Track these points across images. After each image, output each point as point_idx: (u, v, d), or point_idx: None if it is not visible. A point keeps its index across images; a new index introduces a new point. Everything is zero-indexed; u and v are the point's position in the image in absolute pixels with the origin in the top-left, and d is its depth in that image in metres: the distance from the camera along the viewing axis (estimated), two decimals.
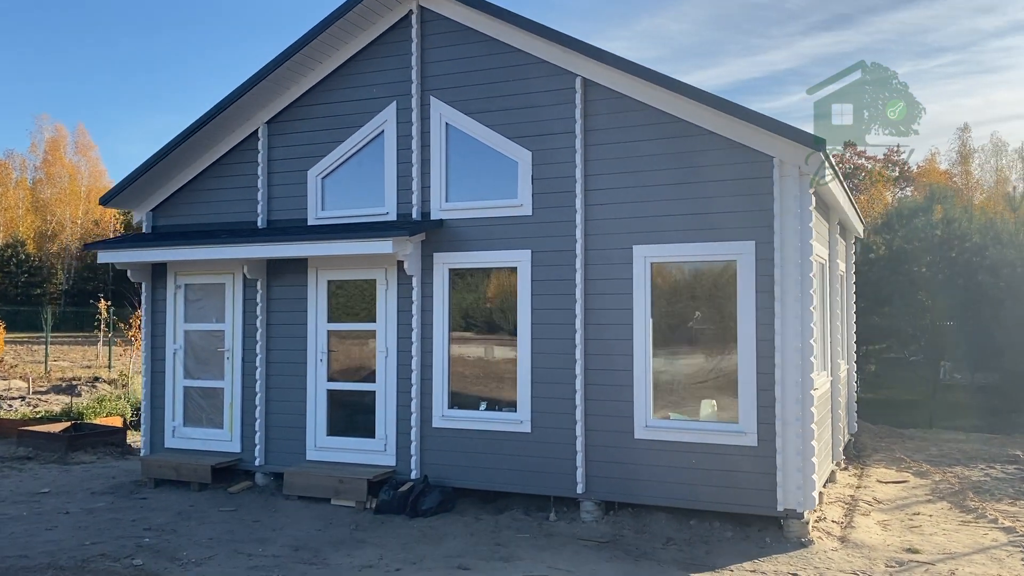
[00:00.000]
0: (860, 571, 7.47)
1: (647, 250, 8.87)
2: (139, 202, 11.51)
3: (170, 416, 11.32)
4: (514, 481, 9.39)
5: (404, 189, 10.04)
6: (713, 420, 8.71)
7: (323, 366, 10.44)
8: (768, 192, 8.39)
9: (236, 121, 10.81)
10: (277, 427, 10.64)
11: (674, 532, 8.57)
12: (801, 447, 8.21)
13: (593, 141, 9.13)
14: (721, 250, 8.62)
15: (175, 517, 9.36)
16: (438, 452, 9.74)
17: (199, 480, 10.56)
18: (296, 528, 8.87)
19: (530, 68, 9.46)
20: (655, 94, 8.82)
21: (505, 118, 9.55)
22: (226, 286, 11.05)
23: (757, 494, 8.36)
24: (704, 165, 8.65)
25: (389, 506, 9.41)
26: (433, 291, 9.83)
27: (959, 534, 8.69)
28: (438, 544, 8.26)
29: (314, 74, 10.50)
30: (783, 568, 7.55)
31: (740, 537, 8.40)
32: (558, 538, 8.46)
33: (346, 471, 9.87)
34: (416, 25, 9.96)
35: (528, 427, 9.33)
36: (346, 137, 10.35)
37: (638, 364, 8.86)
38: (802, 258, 8.26)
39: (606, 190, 9.06)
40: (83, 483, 11.28)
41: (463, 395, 9.81)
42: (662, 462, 8.74)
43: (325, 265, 10.41)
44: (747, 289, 8.48)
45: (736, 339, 8.53)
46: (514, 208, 9.48)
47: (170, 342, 11.35)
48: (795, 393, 8.23)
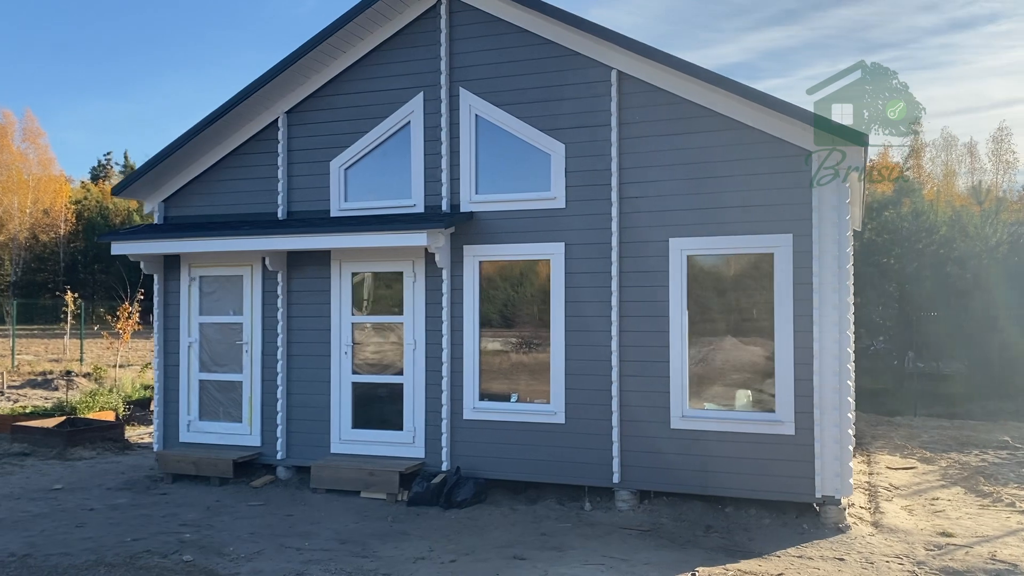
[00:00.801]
0: (903, 555, 7.69)
1: (683, 243, 8.98)
2: (151, 193, 11.29)
3: (185, 410, 11.15)
4: (547, 472, 9.45)
5: (432, 181, 10.00)
6: (749, 410, 8.87)
7: (347, 359, 10.37)
8: (806, 186, 8.55)
9: (254, 111, 10.66)
10: (299, 420, 10.55)
11: (712, 520, 8.72)
12: (839, 435, 8.41)
13: (628, 134, 9.20)
14: (757, 242, 8.77)
15: (205, 512, 9.24)
16: (469, 444, 9.75)
17: (220, 475, 10.43)
18: (333, 521, 8.82)
19: (563, 60, 9.48)
20: (691, 87, 8.93)
21: (537, 110, 9.57)
22: (244, 278, 10.90)
23: (795, 481, 8.55)
24: (742, 159, 8.78)
25: (423, 498, 9.41)
26: (463, 283, 9.82)
27: (983, 518, 8.99)
28: (483, 535, 8.30)
29: (336, 64, 10.40)
30: (828, 553, 7.74)
31: (778, 524, 8.59)
32: (600, 527, 8.55)
33: (375, 463, 9.83)
34: (444, 15, 9.91)
35: (562, 418, 9.40)
36: (370, 128, 10.27)
37: (674, 355, 8.98)
38: (839, 250, 8.44)
39: (641, 183, 9.14)
40: (93, 479, 11.05)
41: (493, 387, 9.83)
42: (698, 451, 8.87)
43: (349, 257, 10.33)
44: (784, 281, 8.64)
45: (773, 330, 8.69)
46: (547, 201, 9.52)
47: (184, 335, 11.17)
48: (833, 382, 8.43)
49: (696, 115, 8.97)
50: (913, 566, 7.39)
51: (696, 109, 8.96)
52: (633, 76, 9.18)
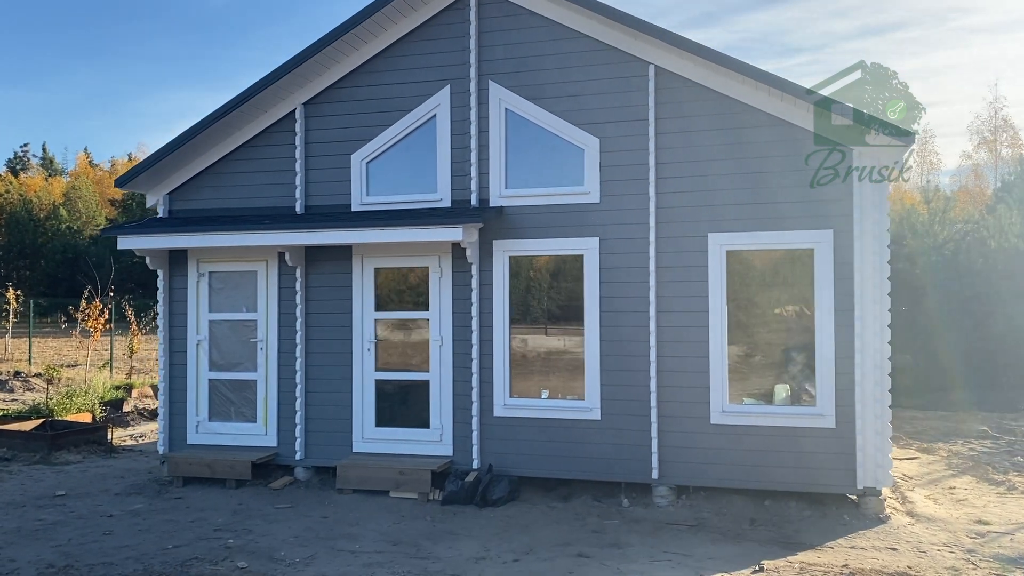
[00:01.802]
0: (950, 543, 7.88)
1: (723, 238, 9.03)
2: (155, 185, 10.84)
3: (193, 411, 10.75)
4: (581, 469, 9.40)
5: (459, 175, 9.84)
6: (788, 404, 8.97)
7: (370, 355, 10.14)
8: (847, 182, 8.68)
9: (269, 101, 10.33)
10: (319, 419, 10.27)
11: (754, 513, 8.80)
12: (880, 427, 8.57)
13: (665, 129, 9.20)
14: (798, 238, 8.87)
15: (233, 516, 8.92)
16: (500, 441, 9.64)
17: (237, 477, 10.09)
18: (372, 522, 8.62)
19: (598, 55, 9.43)
20: (730, 83, 8.98)
21: (570, 104, 9.49)
22: (258, 274, 10.56)
23: (836, 474, 8.68)
24: (782, 155, 8.86)
25: (457, 496, 9.26)
26: (493, 278, 9.70)
27: (1008, 505, 9.29)
28: (533, 533, 8.20)
29: (358, 55, 10.15)
30: (878, 543, 7.88)
31: (818, 516, 8.70)
32: (646, 523, 8.54)
33: (405, 462, 9.64)
34: (474, 7, 9.76)
35: (597, 415, 9.36)
36: (394, 121, 10.05)
37: (714, 351, 9.02)
38: (880, 246, 8.59)
39: (679, 178, 9.15)
40: (92, 484, 10.57)
41: (524, 384, 9.74)
42: (738, 446, 8.94)
43: (372, 252, 10.10)
44: (825, 276, 8.76)
45: (813, 324, 8.80)
46: (580, 195, 9.46)
47: (192, 333, 10.76)
48: (874, 375, 8.58)
49: (735, 111, 9.02)
50: (965, 554, 7.57)
51: (735, 105, 9.02)
52: (671, 71, 9.18)
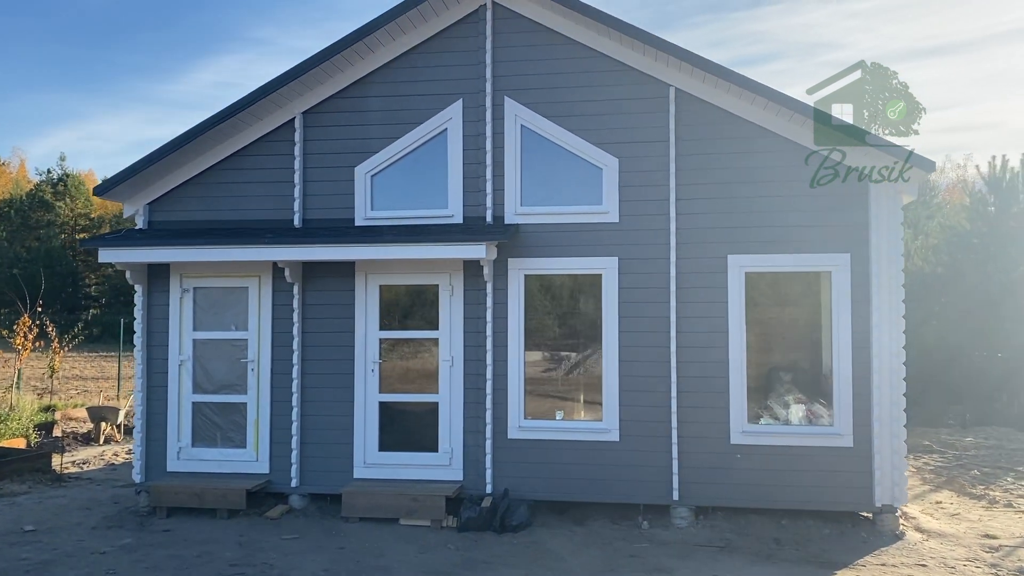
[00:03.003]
0: (971, 559, 8.16)
1: (742, 260, 9.13)
2: (134, 194, 10.14)
3: (174, 436, 10.06)
4: (598, 491, 9.29)
5: (472, 191, 9.61)
6: (804, 424, 9.12)
7: (374, 376, 9.74)
8: (863, 207, 8.93)
9: (266, 109, 9.84)
10: (316, 443, 9.78)
11: (776, 532, 8.88)
12: (896, 445, 8.81)
13: (685, 151, 9.25)
14: (815, 261, 9.06)
15: (241, 550, 8.37)
16: (514, 464, 9.41)
17: (229, 506, 9.48)
18: (395, 553, 8.24)
19: (617, 75, 9.41)
20: (750, 108, 9.11)
21: (589, 123, 9.43)
22: (250, 290, 10.01)
23: (854, 492, 8.87)
24: (801, 179, 9.02)
25: (475, 523, 8.97)
26: (508, 297, 9.50)
27: (1000, 519, 9.70)
28: (569, 560, 8.02)
29: (364, 64, 9.80)
30: (906, 560, 8.07)
31: (837, 534, 8.86)
32: (675, 545, 8.49)
33: (415, 488, 9.29)
34: (489, 22, 9.58)
35: (616, 436, 9.27)
36: (401, 134, 9.74)
37: (734, 371, 9.09)
38: (894, 269, 8.86)
39: (699, 200, 9.21)
40: (59, 517, 9.73)
41: (538, 405, 9.56)
42: (758, 465, 9.02)
43: (377, 269, 9.73)
44: (842, 298, 8.96)
45: (831, 345, 8.99)
46: (599, 215, 9.39)
47: (174, 352, 10.08)
48: (891, 395, 8.82)
49: (754, 135, 9.16)
50: (990, 568, 7.85)
51: (754, 129, 9.15)
52: (692, 94, 9.25)
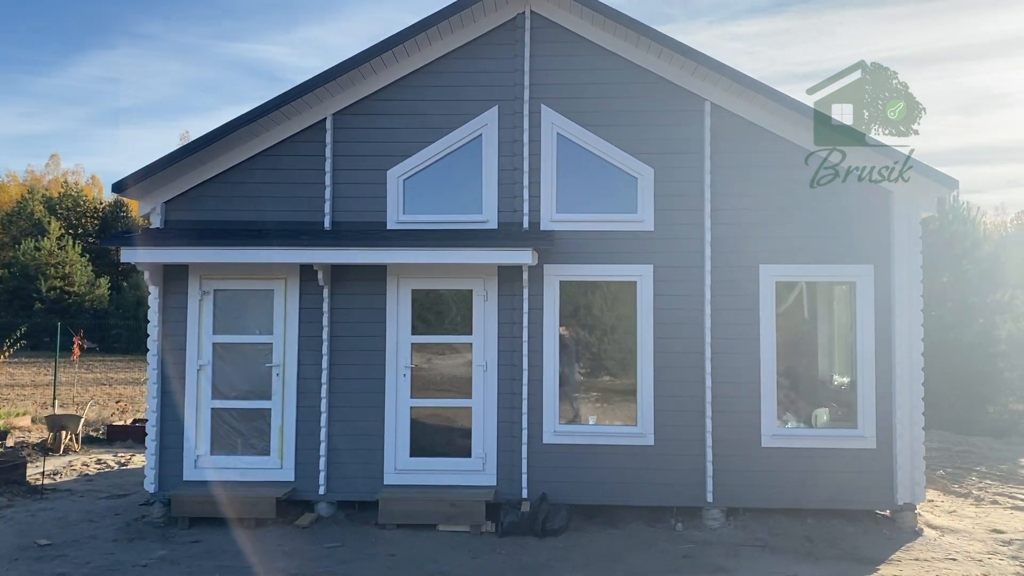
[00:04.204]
0: (993, 552, 8.71)
1: (773, 269, 9.48)
2: (150, 191, 9.75)
3: (191, 444, 9.70)
4: (632, 494, 9.46)
5: (507, 197, 9.66)
6: (829, 426, 9.54)
7: (406, 381, 9.65)
8: (886, 221, 9.42)
9: (295, 109, 9.64)
10: (345, 450, 9.62)
11: (805, 531, 9.23)
12: (916, 447, 9.31)
13: (720, 163, 9.54)
14: (841, 272, 9.50)
15: (290, 560, 8.15)
16: (549, 469, 9.49)
17: (258, 515, 9.21)
18: (449, 560, 8.20)
19: (653, 87, 9.64)
20: (784, 124, 9.48)
21: (625, 133, 9.62)
22: (275, 293, 9.76)
23: (877, 491, 9.33)
24: (828, 193, 9.42)
25: (517, 528, 9.02)
26: (544, 303, 9.58)
27: (994, 515, 10.35)
28: (623, 562, 8.16)
29: (398, 67, 9.72)
30: (934, 555, 8.53)
31: (861, 532, 9.28)
32: (720, 546, 8.73)
33: (453, 494, 9.25)
34: (528, 30, 9.66)
35: (651, 440, 9.47)
36: (436, 138, 9.71)
37: (765, 377, 9.43)
38: (914, 280, 9.37)
39: (732, 211, 9.52)
40: (65, 531, 9.26)
41: (572, 410, 9.67)
42: (786, 467, 9.38)
43: (410, 273, 9.65)
44: (866, 307, 9.42)
45: (856, 352, 9.43)
46: (634, 223, 9.59)
47: (192, 357, 9.73)
48: (911, 399, 9.32)
49: (785, 149, 9.52)
50: (1012, 561, 8.41)
51: (785, 144, 9.52)
52: (726, 109, 9.55)
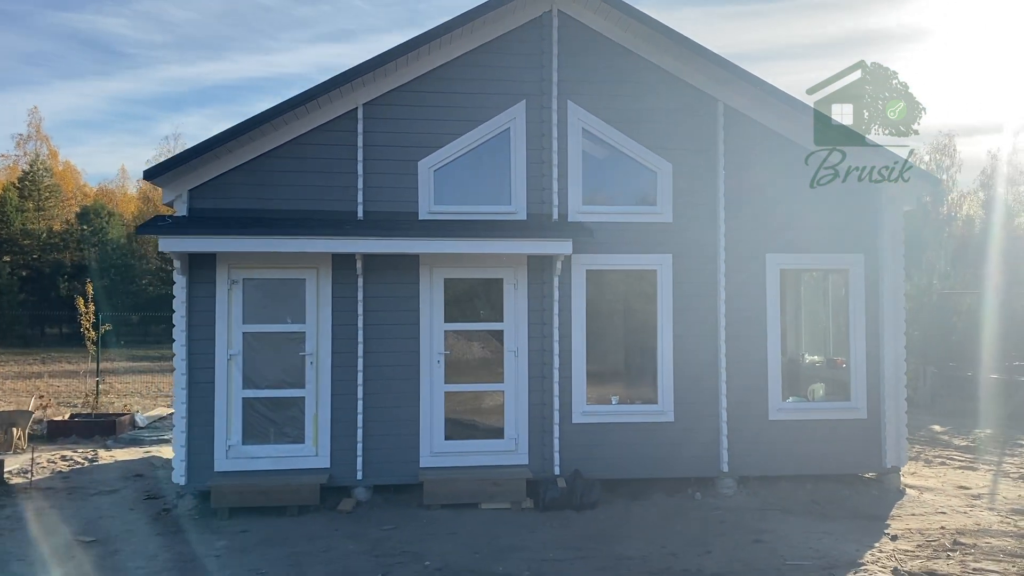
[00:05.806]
0: (971, 505, 9.93)
1: (778, 258, 10.36)
2: (176, 179, 9.57)
3: (222, 434, 9.64)
4: (654, 467, 10.16)
5: (536, 189, 10.08)
6: (826, 400, 10.56)
7: (439, 367, 9.94)
8: (875, 213, 10.47)
9: (326, 99, 9.69)
10: (381, 435, 9.82)
11: (809, 495, 10.21)
12: (899, 416, 10.45)
13: (732, 161, 10.31)
14: (836, 260, 10.50)
15: (355, 543, 8.33)
16: (578, 447, 10.03)
17: (301, 503, 9.32)
18: (509, 535, 8.61)
19: (672, 87, 10.28)
20: (791, 127, 10.33)
21: (645, 130, 10.22)
22: (307, 282, 9.80)
23: (868, 456, 10.43)
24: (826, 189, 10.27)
25: (557, 503, 9.53)
26: (572, 291, 10.08)
27: (949, 474, 11.69)
28: (670, 527, 8.83)
29: (428, 59, 9.94)
30: (926, 510, 9.65)
31: (855, 493, 10.35)
32: (745, 511, 9.55)
33: (493, 473, 9.66)
34: (556, 28, 10.07)
35: (671, 417, 10.18)
36: (465, 131, 10.00)
37: (771, 356, 10.31)
38: (897, 267, 10.48)
39: (743, 204, 10.31)
40: (94, 526, 9.05)
41: (597, 391, 10.24)
42: (790, 438, 10.32)
43: (442, 263, 9.92)
44: (857, 293, 10.47)
45: (849, 331, 10.47)
46: (654, 215, 10.23)
47: (222, 347, 9.64)
48: (895, 373, 10.45)
49: (788, 148, 10.38)
50: (989, 511, 9.65)
51: (788, 143, 10.39)
52: (737, 110, 10.32)
